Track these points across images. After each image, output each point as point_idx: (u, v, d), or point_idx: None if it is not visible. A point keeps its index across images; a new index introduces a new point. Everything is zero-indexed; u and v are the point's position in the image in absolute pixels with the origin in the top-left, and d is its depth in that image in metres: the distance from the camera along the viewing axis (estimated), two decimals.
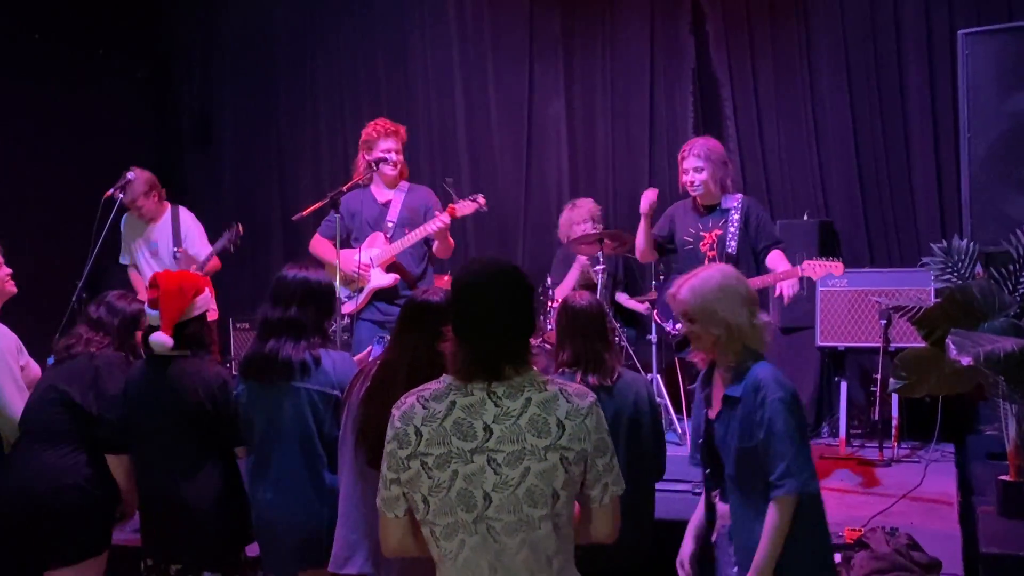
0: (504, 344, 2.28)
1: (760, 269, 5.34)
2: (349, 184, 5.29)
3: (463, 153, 8.03)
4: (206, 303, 3.65)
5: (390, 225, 5.42)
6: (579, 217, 6.68)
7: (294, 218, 5.43)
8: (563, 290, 6.69)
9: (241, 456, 3.58)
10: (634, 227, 6.60)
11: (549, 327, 5.98)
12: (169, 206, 6.13)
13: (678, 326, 5.07)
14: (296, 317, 3.44)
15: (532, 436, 2.23)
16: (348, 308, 5.40)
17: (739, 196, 5.25)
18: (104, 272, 6.56)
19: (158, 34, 8.69)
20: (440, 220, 5.19)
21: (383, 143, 5.41)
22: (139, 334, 3.76)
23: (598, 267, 6.07)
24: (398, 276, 5.34)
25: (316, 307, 3.51)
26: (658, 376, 6.63)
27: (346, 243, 5.45)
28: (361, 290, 5.31)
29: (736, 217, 5.14)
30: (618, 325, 5.90)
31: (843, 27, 6.93)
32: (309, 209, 5.26)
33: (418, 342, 2.93)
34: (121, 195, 5.73)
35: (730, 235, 5.08)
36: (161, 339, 3.50)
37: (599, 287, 6.02)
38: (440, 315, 3.00)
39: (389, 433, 2.31)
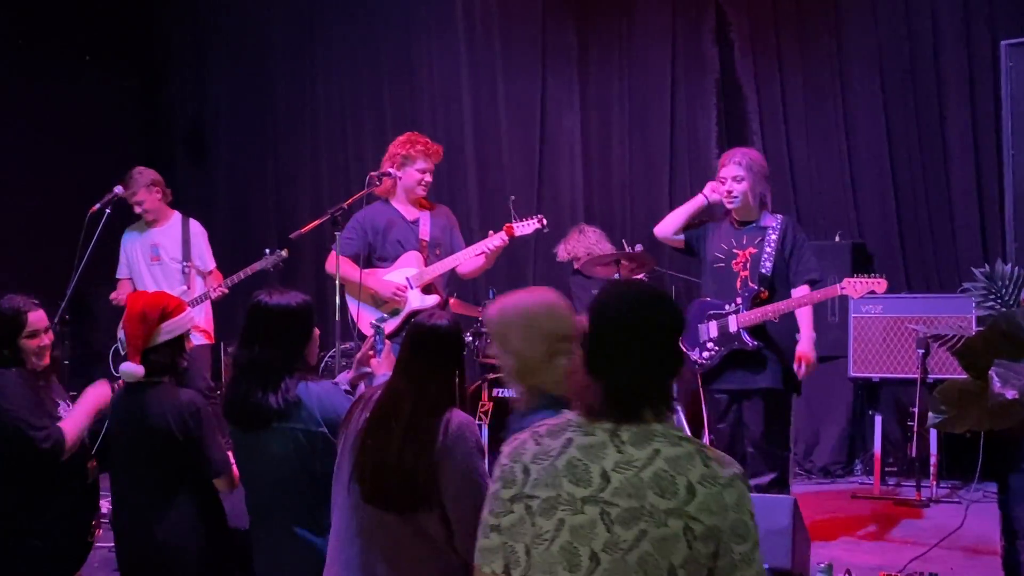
0: (644, 382, 2.10)
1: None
2: (351, 199, 5.27)
3: (470, 170, 8.05)
4: (179, 326, 3.61)
5: (425, 244, 5.41)
6: (580, 249, 6.70)
7: (292, 236, 5.39)
8: None
9: (223, 489, 3.55)
10: (649, 248, 6.60)
11: None
12: (178, 215, 6.18)
13: (704, 355, 5.05)
14: (261, 357, 3.35)
15: (654, 494, 1.99)
16: (387, 328, 5.36)
17: (779, 216, 5.17)
18: (90, 292, 6.58)
19: (149, 41, 8.75)
20: (498, 238, 5.23)
21: (424, 162, 5.42)
22: (30, 343, 3.70)
23: None
24: (439, 297, 5.35)
25: (285, 340, 3.40)
26: (680, 412, 6.60)
27: (367, 261, 5.42)
28: (397, 312, 5.30)
29: (774, 237, 5.02)
30: None
31: (877, 36, 6.94)
32: (308, 226, 5.24)
33: (425, 369, 2.90)
34: (120, 190, 5.73)
35: (766, 255, 4.99)
36: (130, 368, 3.47)
37: None
38: (447, 340, 2.99)
39: (495, 473, 2.15)
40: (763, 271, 4.98)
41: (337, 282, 5.05)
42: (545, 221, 5.28)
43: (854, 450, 6.62)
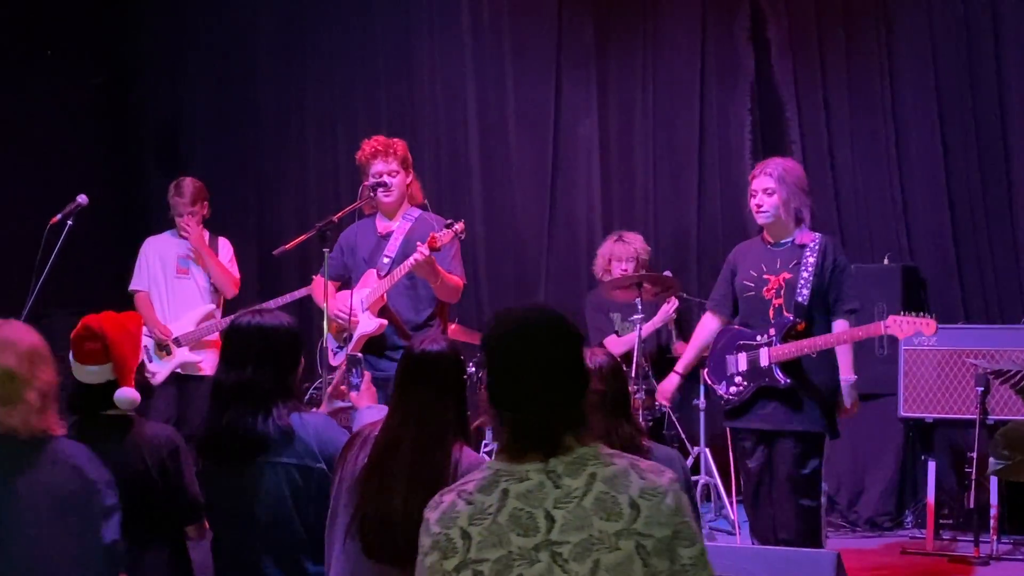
0: (558, 409, 2.21)
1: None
2: (341, 213, 5.27)
3: (475, 181, 8.04)
4: (141, 350, 3.64)
5: (386, 261, 5.32)
6: (624, 254, 6.68)
7: (275, 252, 5.40)
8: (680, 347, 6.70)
9: (193, 537, 3.53)
10: (678, 270, 6.59)
11: None
12: (207, 232, 6.48)
13: (731, 389, 5.01)
14: (253, 379, 3.37)
15: (600, 520, 2.11)
16: (337, 360, 5.35)
17: (817, 235, 5.12)
18: (49, 314, 6.56)
19: (118, 34, 8.76)
20: (419, 252, 4.99)
21: (375, 164, 5.38)
22: None
23: (635, 316, 6.04)
24: (385, 322, 5.23)
25: (277, 362, 3.43)
26: (706, 450, 6.57)
27: (349, 284, 5.43)
28: (349, 339, 5.26)
29: (811, 260, 4.95)
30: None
31: (932, 35, 6.94)
32: (293, 243, 5.24)
33: (423, 401, 2.90)
34: (84, 199, 5.74)
35: (802, 281, 4.93)
36: (130, 394, 3.44)
37: (636, 342, 5.99)
38: (444, 366, 3.00)
39: (425, 542, 2.22)
40: (799, 299, 4.93)
41: (325, 307, 5.06)
42: (460, 226, 5.08)
43: (904, 500, 6.58)
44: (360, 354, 4.29)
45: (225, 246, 6.60)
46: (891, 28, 7.07)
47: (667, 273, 6.59)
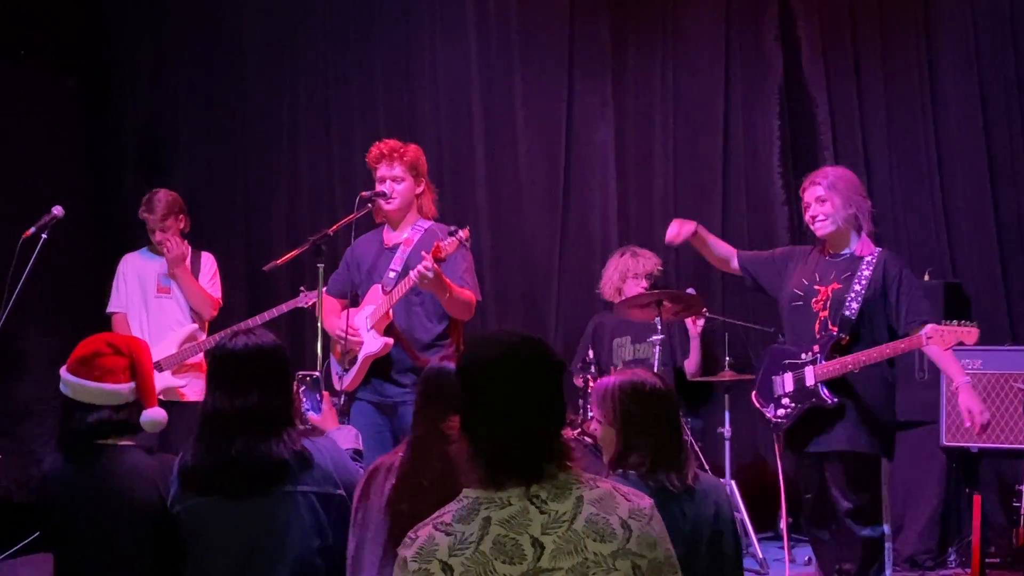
0: (536, 436, 2.29)
1: None
2: (337, 225, 5.25)
3: (481, 194, 8.03)
4: None
5: (391, 275, 5.26)
6: (640, 269, 6.70)
7: (265, 268, 5.41)
8: (692, 365, 6.81)
9: None
10: (702, 288, 6.57)
11: (590, 415, 5.92)
12: (188, 246, 6.44)
13: (779, 412, 5.01)
14: (261, 403, 3.37)
15: (594, 542, 2.20)
16: (344, 384, 5.30)
17: (877, 248, 5.16)
18: (20, 334, 6.55)
19: (96, 34, 8.76)
20: (423, 264, 4.87)
21: (380, 168, 5.37)
22: None
23: (654, 338, 6.04)
24: (391, 341, 5.17)
25: (281, 384, 3.47)
26: (732, 482, 6.55)
27: (354, 301, 5.42)
28: (354, 360, 5.22)
29: (867, 274, 5.01)
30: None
31: (976, 32, 6.94)
32: (285, 257, 5.24)
33: (443, 414, 2.95)
34: (60, 211, 5.76)
35: (852, 294, 4.95)
36: (159, 415, 3.57)
37: (656, 365, 5.98)
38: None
39: None
40: (846, 313, 4.98)
41: (319, 327, 5.04)
42: (464, 233, 4.93)
43: (947, 536, 6.54)
44: (318, 374, 4.28)
45: (208, 262, 6.58)
46: (932, 25, 7.07)
47: (690, 291, 6.58)
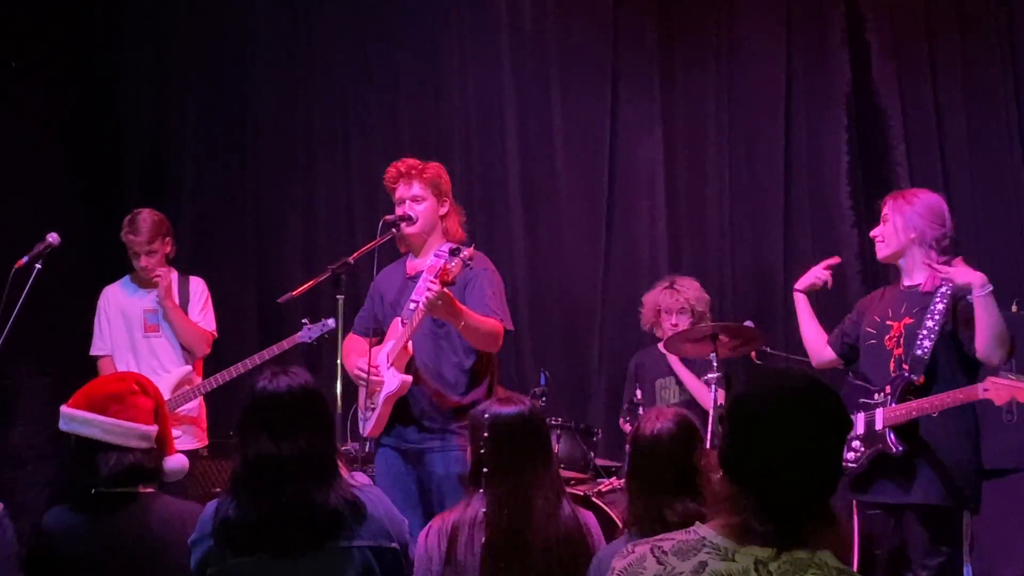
0: (804, 496, 2.25)
1: None
2: (358, 253, 5.24)
3: (516, 214, 8.03)
4: None
5: (412, 306, 5.19)
6: (674, 305, 6.66)
7: (280, 300, 5.38)
8: None
9: None
10: (760, 320, 6.50)
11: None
12: (175, 272, 6.41)
13: (849, 455, 4.96)
14: (311, 448, 3.37)
15: None
16: (367, 429, 5.24)
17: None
18: (12, 373, 6.55)
19: (95, 44, 8.80)
20: (428, 289, 4.81)
21: (399, 189, 5.38)
22: None
23: (710, 375, 5.98)
24: (409, 379, 5.09)
25: (328, 427, 3.54)
26: None
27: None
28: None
29: (940, 307, 4.91)
30: None
31: None
32: (301, 288, 5.24)
33: (524, 465, 3.25)
34: (55, 238, 5.76)
35: (925, 331, 4.88)
36: (183, 463, 3.74)
37: (713, 405, 5.92)
38: (530, 427, 3.46)
39: None
40: (918, 352, 4.87)
41: (339, 365, 5.03)
42: (468, 252, 4.83)
43: None
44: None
45: (198, 288, 6.51)
46: (1015, 29, 7.08)
47: (748, 323, 6.50)
